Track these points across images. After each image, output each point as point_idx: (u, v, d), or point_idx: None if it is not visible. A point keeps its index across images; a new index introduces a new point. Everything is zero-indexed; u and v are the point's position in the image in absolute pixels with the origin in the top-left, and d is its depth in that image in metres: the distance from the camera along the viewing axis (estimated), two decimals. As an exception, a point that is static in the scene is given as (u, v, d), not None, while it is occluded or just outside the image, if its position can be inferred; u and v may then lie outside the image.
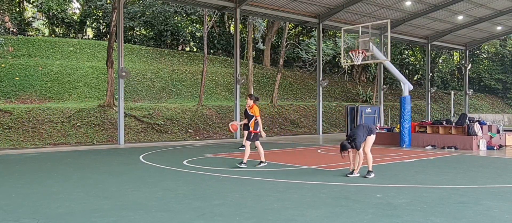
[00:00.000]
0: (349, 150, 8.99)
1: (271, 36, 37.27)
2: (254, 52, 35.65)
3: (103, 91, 26.21)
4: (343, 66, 36.38)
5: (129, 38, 35.36)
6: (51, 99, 25.09)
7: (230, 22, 39.98)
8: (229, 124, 11.62)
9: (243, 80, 23.13)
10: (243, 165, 10.32)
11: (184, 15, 37.30)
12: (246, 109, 13.75)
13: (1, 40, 22.10)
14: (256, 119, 10.57)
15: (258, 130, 10.65)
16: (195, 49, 39.89)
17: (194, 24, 39.33)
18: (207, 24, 29.08)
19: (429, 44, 33.13)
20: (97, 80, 27.92)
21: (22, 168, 10.90)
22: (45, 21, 36.28)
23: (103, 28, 37.06)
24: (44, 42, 30.77)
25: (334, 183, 8.12)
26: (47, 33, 36.21)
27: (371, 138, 8.99)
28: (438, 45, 34.69)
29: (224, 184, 8.06)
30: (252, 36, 33.57)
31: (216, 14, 31.61)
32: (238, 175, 9.11)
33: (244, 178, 8.69)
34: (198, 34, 37.37)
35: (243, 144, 13.81)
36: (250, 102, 10.85)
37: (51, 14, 33.96)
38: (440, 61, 45.83)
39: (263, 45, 35.16)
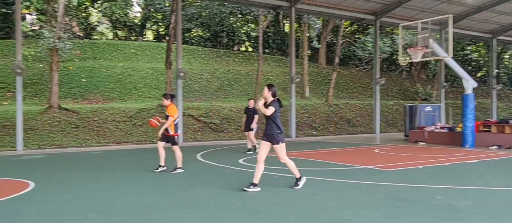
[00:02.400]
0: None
1: (326, 35, 36.88)
2: (309, 51, 35.44)
3: (162, 91, 27.09)
4: (401, 64, 35.36)
5: (187, 39, 36.26)
6: (114, 99, 26.25)
7: (285, 22, 39.96)
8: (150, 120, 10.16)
9: (298, 79, 23.07)
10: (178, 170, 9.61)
11: (239, 15, 37.73)
12: (247, 107, 13.90)
13: (70, 44, 23.38)
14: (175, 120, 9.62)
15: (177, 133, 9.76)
16: (250, 49, 40.24)
17: (249, 24, 39.67)
18: (262, 24, 29.25)
19: (494, 39, 31.44)
20: (156, 81, 28.88)
21: (88, 164, 11.51)
22: (108, 25, 38.02)
23: (162, 31, 38.26)
24: (107, 45, 32.26)
25: (392, 184, 7.93)
26: (110, 37, 37.93)
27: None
28: (504, 40, 32.86)
29: (279, 183, 8.10)
30: (307, 35, 33.37)
31: (271, 14, 31.72)
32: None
33: (299, 177, 8.68)
34: (253, 34, 37.66)
35: (250, 147, 13.97)
36: (166, 102, 9.70)
37: (114, 18, 35.53)
38: (507, 56, 43.37)
39: (318, 43, 34.85)
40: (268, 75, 33.25)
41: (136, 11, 39.39)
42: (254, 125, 13.74)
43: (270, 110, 7.22)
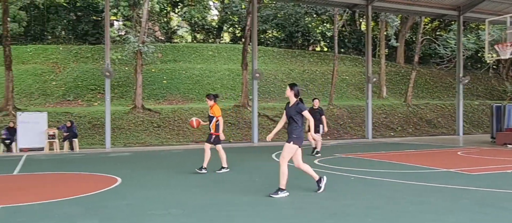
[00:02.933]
0: None
1: (405, 32, 35.55)
2: (386, 49, 34.40)
3: (238, 92, 27.63)
4: (488, 62, 33.15)
5: (262, 40, 36.69)
6: (193, 100, 27.22)
7: (361, 20, 39.09)
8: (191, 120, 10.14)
9: (375, 79, 22.49)
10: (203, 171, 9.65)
11: (314, 15, 37.50)
12: (312, 107, 13.28)
13: (152, 48, 24.65)
14: (217, 120, 9.59)
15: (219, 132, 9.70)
16: (325, 49, 39.84)
17: (325, 24, 39.29)
18: (337, 23, 28.86)
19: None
20: (232, 82, 29.52)
21: (170, 162, 12.06)
22: (188, 28, 39.50)
23: (238, 33, 39.01)
24: (187, 48, 33.54)
25: (478, 188, 7.49)
26: (189, 40, 39.39)
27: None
28: None
29: (356, 185, 7.98)
30: (385, 33, 32.40)
31: (347, 13, 31.18)
32: (370, 176, 8.93)
33: (376, 179, 8.49)
34: (329, 34, 37.26)
35: (318, 150, 13.30)
36: (210, 102, 9.68)
37: (193, 21, 36.85)
38: None
39: (396, 42, 33.71)
40: (344, 75, 32.71)
41: (213, 15, 40.57)
42: (325, 128, 13.38)
43: (308, 114, 7.00)
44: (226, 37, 41.12)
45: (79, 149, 17.30)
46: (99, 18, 34.31)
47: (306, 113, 6.97)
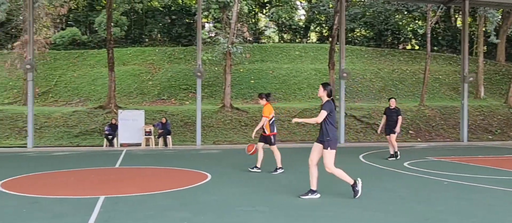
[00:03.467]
0: None
1: (507, 28, 32.88)
2: (485, 46, 32.10)
3: (324, 92, 27.45)
4: None
5: (350, 39, 36.05)
6: (279, 99, 27.49)
7: (456, 16, 36.87)
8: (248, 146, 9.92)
9: (471, 79, 21.13)
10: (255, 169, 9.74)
11: (405, 13, 36.08)
12: (388, 107, 12.43)
13: (241, 48, 25.29)
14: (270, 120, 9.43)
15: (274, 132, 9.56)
16: (416, 47, 38.13)
17: (416, 21, 37.63)
18: (430, 20, 27.50)
19: None
20: (319, 82, 29.35)
21: (256, 161, 12.28)
22: (275, 29, 39.95)
23: (325, 32, 38.68)
24: (274, 48, 33.94)
25: None
26: (276, 40, 39.80)
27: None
28: None
29: (449, 190, 7.60)
30: (483, 29, 30.26)
31: (441, 9, 29.58)
32: (466, 181, 8.44)
33: (473, 185, 8.01)
34: (421, 32, 35.61)
35: (392, 153, 12.34)
36: (262, 101, 9.62)
37: (280, 22, 37.20)
38: None
39: (497, 38, 31.30)
40: (437, 74, 31.11)
41: (300, 14, 40.62)
42: (398, 128, 12.29)
43: (321, 116, 6.59)
44: (313, 36, 40.96)
45: (172, 145, 18.28)
46: (192, 21, 35.92)
47: (321, 112, 6.58)
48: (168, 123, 18.98)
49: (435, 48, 35.34)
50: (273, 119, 9.66)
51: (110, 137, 18.28)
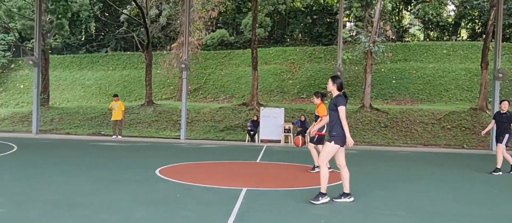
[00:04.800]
0: None
1: None
2: None
3: (475, 94, 25.23)
4: None
5: (507, 36, 32.49)
6: (423, 101, 26.05)
7: None
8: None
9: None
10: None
11: None
12: (499, 111, 10.56)
13: (383, 47, 24.58)
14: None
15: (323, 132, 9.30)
16: None
17: None
18: None
19: None
20: (469, 83, 27.09)
21: (397, 164, 11.94)
22: (420, 26, 37.87)
23: (478, 28, 35.46)
24: (418, 47, 32.21)
25: None
26: (421, 38, 37.69)
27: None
28: None
29: None
30: None
31: None
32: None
33: None
34: None
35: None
36: (317, 100, 9.41)
37: (426, 19, 35.14)
38: None
39: None
40: None
41: (450, 10, 37.84)
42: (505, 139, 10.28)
43: (342, 113, 6.22)
44: (463, 34, 37.79)
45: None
46: (332, 20, 35.93)
47: (340, 109, 6.22)
48: (307, 121, 19.34)
49: None
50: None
51: (252, 132, 19.28)
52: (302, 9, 38.11)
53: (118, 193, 6.70)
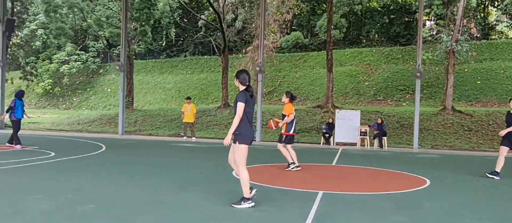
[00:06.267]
0: None
1: None
2: None
3: None
4: None
5: None
6: (513, 103, 24.31)
7: None
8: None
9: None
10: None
11: None
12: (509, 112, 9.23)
13: (467, 46, 23.27)
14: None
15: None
16: None
17: None
18: None
19: None
20: None
21: (482, 170, 11.23)
22: (508, 23, 35.37)
23: None
24: (507, 45, 30.12)
25: None
26: (510, 35, 35.19)
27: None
28: None
29: None
30: None
31: None
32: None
33: None
34: None
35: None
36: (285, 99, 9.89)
37: (515, 14, 32.74)
38: None
39: None
40: None
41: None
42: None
43: (239, 109, 5.80)
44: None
45: (387, 147, 18.03)
46: (411, 19, 34.61)
47: (239, 106, 5.79)
48: (384, 124, 18.79)
49: None
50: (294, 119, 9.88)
51: (327, 135, 19.10)
52: (379, 8, 37.09)
53: (196, 192, 6.95)
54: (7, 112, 13.45)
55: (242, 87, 6.04)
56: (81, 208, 5.68)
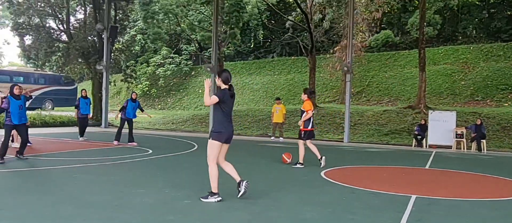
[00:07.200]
0: None
1: None
2: None
3: None
4: None
5: None
6: None
7: None
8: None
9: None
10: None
11: None
12: None
13: None
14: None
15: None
16: None
17: None
18: None
19: None
20: None
21: None
22: None
23: None
24: None
25: None
26: None
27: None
28: None
29: None
30: None
31: None
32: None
33: None
34: None
35: None
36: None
37: None
38: None
39: None
40: None
41: None
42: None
43: (211, 100, 6.07)
44: None
45: (487, 150, 16.86)
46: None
47: (212, 98, 6.07)
48: (483, 125, 17.59)
49: None
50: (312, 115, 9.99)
51: (419, 137, 18.32)
52: (477, 2, 34.70)
53: (287, 193, 7.08)
54: (120, 111, 14.63)
55: (224, 86, 6.30)
56: (178, 203, 6.07)
